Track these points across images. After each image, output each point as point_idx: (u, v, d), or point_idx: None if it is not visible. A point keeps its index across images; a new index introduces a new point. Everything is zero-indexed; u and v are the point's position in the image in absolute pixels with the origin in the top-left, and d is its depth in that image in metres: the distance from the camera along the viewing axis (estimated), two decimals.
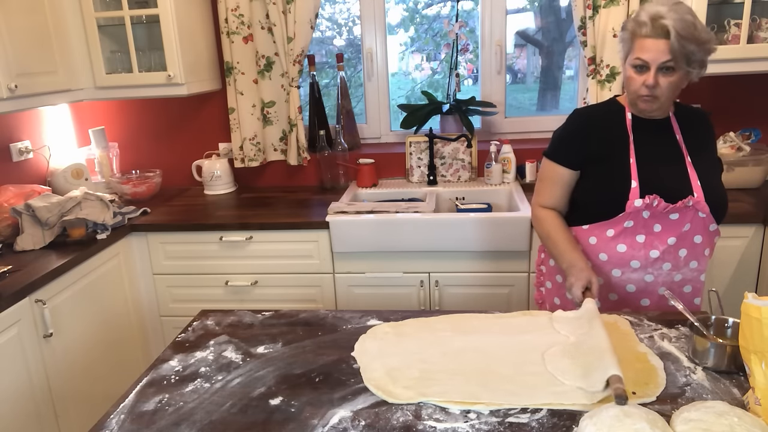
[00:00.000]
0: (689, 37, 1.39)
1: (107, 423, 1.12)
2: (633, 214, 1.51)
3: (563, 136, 1.65)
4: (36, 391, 1.87)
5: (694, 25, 1.41)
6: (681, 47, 1.40)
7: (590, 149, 1.58)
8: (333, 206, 2.39)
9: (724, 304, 1.33)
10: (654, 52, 1.42)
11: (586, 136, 1.60)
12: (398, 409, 1.12)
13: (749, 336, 1.04)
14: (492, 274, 2.31)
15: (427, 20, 3.08)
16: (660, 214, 1.50)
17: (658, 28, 1.40)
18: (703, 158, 1.56)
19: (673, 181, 1.52)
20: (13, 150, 2.49)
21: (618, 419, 0.95)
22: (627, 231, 1.53)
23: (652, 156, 1.54)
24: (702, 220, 1.51)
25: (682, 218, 1.51)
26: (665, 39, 1.40)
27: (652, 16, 1.42)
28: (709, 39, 1.44)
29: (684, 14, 1.41)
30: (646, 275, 1.55)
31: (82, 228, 2.21)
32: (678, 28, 1.39)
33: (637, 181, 1.51)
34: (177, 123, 2.96)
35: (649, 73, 1.44)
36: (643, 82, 1.46)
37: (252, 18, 2.69)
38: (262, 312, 1.57)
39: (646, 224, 1.52)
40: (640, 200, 1.49)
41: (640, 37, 1.45)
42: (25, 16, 2.17)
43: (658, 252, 1.52)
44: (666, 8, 1.42)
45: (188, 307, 2.46)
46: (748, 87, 2.62)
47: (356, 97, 3.03)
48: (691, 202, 1.49)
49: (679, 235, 1.52)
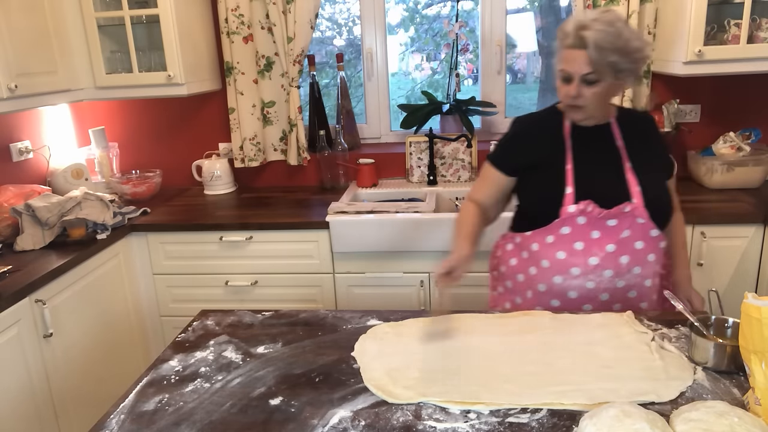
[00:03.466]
0: (611, 48, 1.37)
1: (107, 423, 1.12)
2: (568, 221, 1.50)
3: (502, 142, 1.67)
4: (36, 391, 1.87)
5: (620, 34, 1.38)
6: (602, 58, 1.38)
7: (526, 157, 1.59)
8: (333, 206, 2.39)
9: (724, 304, 1.34)
10: (575, 63, 1.42)
11: (522, 143, 1.62)
12: (398, 409, 1.12)
13: (749, 336, 1.04)
14: None
15: (427, 20, 3.08)
16: (597, 221, 1.49)
17: (580, 39, 1.39)
18: (647, 163, 1.55)
19: (610, 187, 1.51)
20: (13, 150, 2.49)
21: (618, 419, 0.95)
22: (565, 238, 1.52)
23: (590, 162, 1.53)
24: (642, 225, 1.49)
25: (620, 224, 1.49)
26: (585, 50, 1.39)
27: (577, 26, 1.40)
28: (638, 47, 1.41)
29: (609, 24, 1.38)
30: (587, 282, 1.52)
31: (82, 228, 2.21)
32: (598, 40, 1.37)
33: (572, 187, 1.50)
34: (177, 123, 2.96)
35: (573, 84, 1.44)
36: (567, 92, 1.46)
37: (252, 18, 2.69)
38: (262, 312, 1.57)
39: (583, 231, 1.50)
40: (574, 206, 1.48)
41: (564, 47, 1.44)
42: (25, 16, 2.17)
43: (597, 259, 1.50)
44: (592, 18, 1.40)
45: (188, 307, 2.46)
46: (748, 87, 2.62)
47: (356, 97, 3.03)
48: (628, 208, 1.47)
49: (617, 241, 1.49)
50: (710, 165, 2.47)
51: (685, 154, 2.66)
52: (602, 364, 1.22)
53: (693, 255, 2.21)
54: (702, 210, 2.24)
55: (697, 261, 2.21)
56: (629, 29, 1.42)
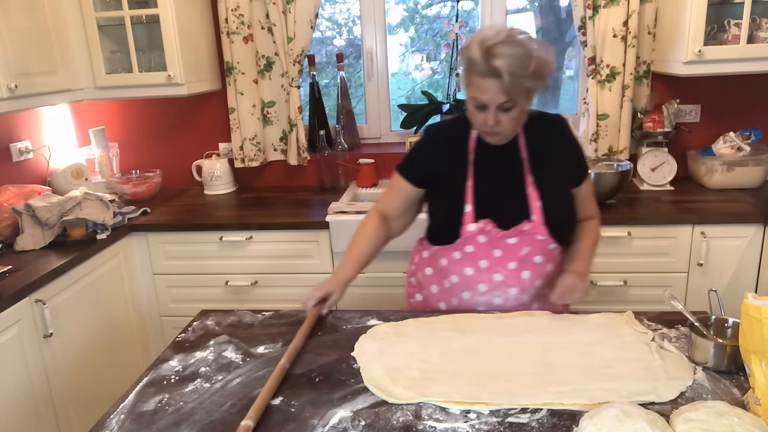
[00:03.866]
0: (524, 74, 1.31)
1: (107, 423, 1.12)
2: (470, 240, 1.49)
3: (411, 151, 1.63)
4: (36, 391, 1.87)
5: (529, 55, 1.31)
6: (517, 86, 1.32)
7: (432, 168, 1.56)
8: (333, 206, 2.39)
9: (724, 304, 1.33)
10: (489, 93, 1.34)
11: (429, 154, 1.58)
12: (398, 409, 1.12)
13: (749, 336, 1.04)
14: None
15: (427, 20, 3.08)
16: (497, 240, 1.48)
17: (491, 69, 1.30)
18: (551, 175, 1.51)
19: (510, 204, 1.49)
20: (13, 150, 2.49)
21: (618, 419, 0.95)
22: (470, 255, 1.51)
23: (492, 178, 1.51)
24: (541, 242, 1.49)
25: (520, 242, 1.48)
26: (499, 79, 1.31)
27: (484, 52, 1.31)
28: (549, 62, 1.35)
29: (517, 46, 1.31)
30: (494, 298, 1.53)
31: (82, 228, 2.21)
32: (511, 69, 1.29)
33: (471, 206, 1.49)
34: (177, 123, 2.96)
35: (489, 113, 1.38)
36: (484, 121, 1.40)
37: (252, 18, 2.69)
38: (262, 312, 1.57)
39: (485, 249, 1.50)
40: (473, 225, 1.48)
41: (474, 74, 1.35)
42: (25, 16, 2.17)
43: (501, 276, 1.50)
44: (497, 41, 1.30)
45: (188, 307, 2.46)
46: (748, 87, 2.62)
47: (356, 97, 3.03)
48: (527, 226, 1.46)
49: (518, 259, 1.49)
50: (710, 165, 2.47)
51: (685, 154, 2.66)
52: (602, 364, 1.22)
53: (693, 255, 2.22)
54: (702, 210, 2.24)
55: (697, 261, 2.21)
56: (535, 45, 1.34)
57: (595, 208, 1.66)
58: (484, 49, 1.31)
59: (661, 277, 2.26)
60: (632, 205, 2.34)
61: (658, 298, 2.25)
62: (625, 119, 2.56)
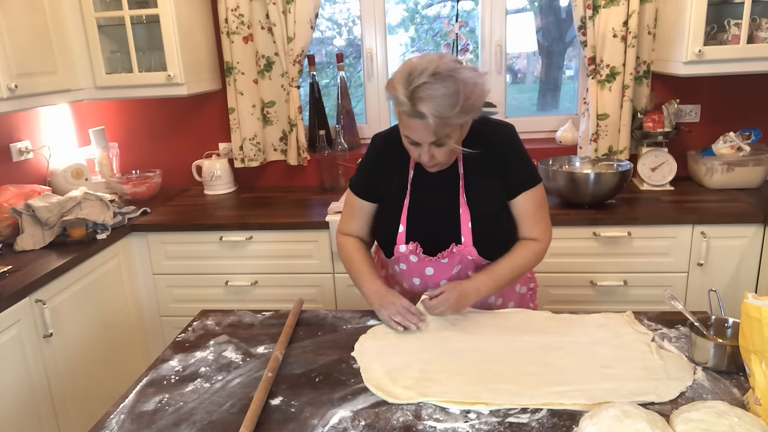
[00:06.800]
0: (451, 114, 1.26)
1: (107, 423, 1.12)
2: (402, 258, 1.51)
3: (360, 164, 1.60)
4: (36, 391, 1.87)
5: (456, 92, 1.25)
6: (445, 126, 1.29)
7: (378, 181, 1.54)
8: (333, 206, 2.39)
9: (724, 304, 1.34)
10: (420, 133, 1.32)
11: (374, 169, 1.55)
12: (398, 409, 1.12)
13: (749, 336, 1.04)
14: None
15: (427, 20, 3.08)
16: (428, 260, 1.49)
17: (417, 112, 1.26)
18: (485, 191, 1.48)
19: (441, 225, 1.49)
20: (13, 150, 2.49)
21: (618, 419, 0.95)
22: (405, 273, 1.54)
23: (426, 198, 1.50)
24: (472, 260, 1.49)
25: (451, 262, 1.49)
26: (427, 120, 1.26)
27: (409, 95, 1.25)
28: (475, 95, 1.29)
29: (442, 86, 1.24)
30: None
31: (82, 228, 2.21)
32: (438, 111, 1.24)
33: (404, 226, 1.49)
34: (177, 123, 2.96)
35: (423, 149, 1.36)
36: (418, 156, 1.39)
37: (252, 18, 2.69)
38: (262, 312, 1.57)
39: (417, 268, 1.51)
40: (404, 246, 1.49)
41: (402, 113, 1.31)
42: (25, 16, 2.17)
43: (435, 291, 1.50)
44: (422, 81, 1.24)
45: (188, 307, 2.46)
46: (748, 87, 2.62)
47: (356, 97, 3.03)
48: (455, 249, 1.47)
49: (450, 277, 1.51)
50: (710, 165, 2.47)
51: (685, 154, 2.66)
52: (602, 364, 1.22)
53: (693, 255, 2.22)
54: (702, 210, 2.24)
55: (697, 261, 2.21)
56: (465, 75, 1.27)
57: (542, 231, 1.53)
58: (409, 91, 1.26)
59: (661, 277, 2.26)
60: (632, 205, 2.34)
61: (658, 298, 2.25)
62: (625, 119, 2.56)
